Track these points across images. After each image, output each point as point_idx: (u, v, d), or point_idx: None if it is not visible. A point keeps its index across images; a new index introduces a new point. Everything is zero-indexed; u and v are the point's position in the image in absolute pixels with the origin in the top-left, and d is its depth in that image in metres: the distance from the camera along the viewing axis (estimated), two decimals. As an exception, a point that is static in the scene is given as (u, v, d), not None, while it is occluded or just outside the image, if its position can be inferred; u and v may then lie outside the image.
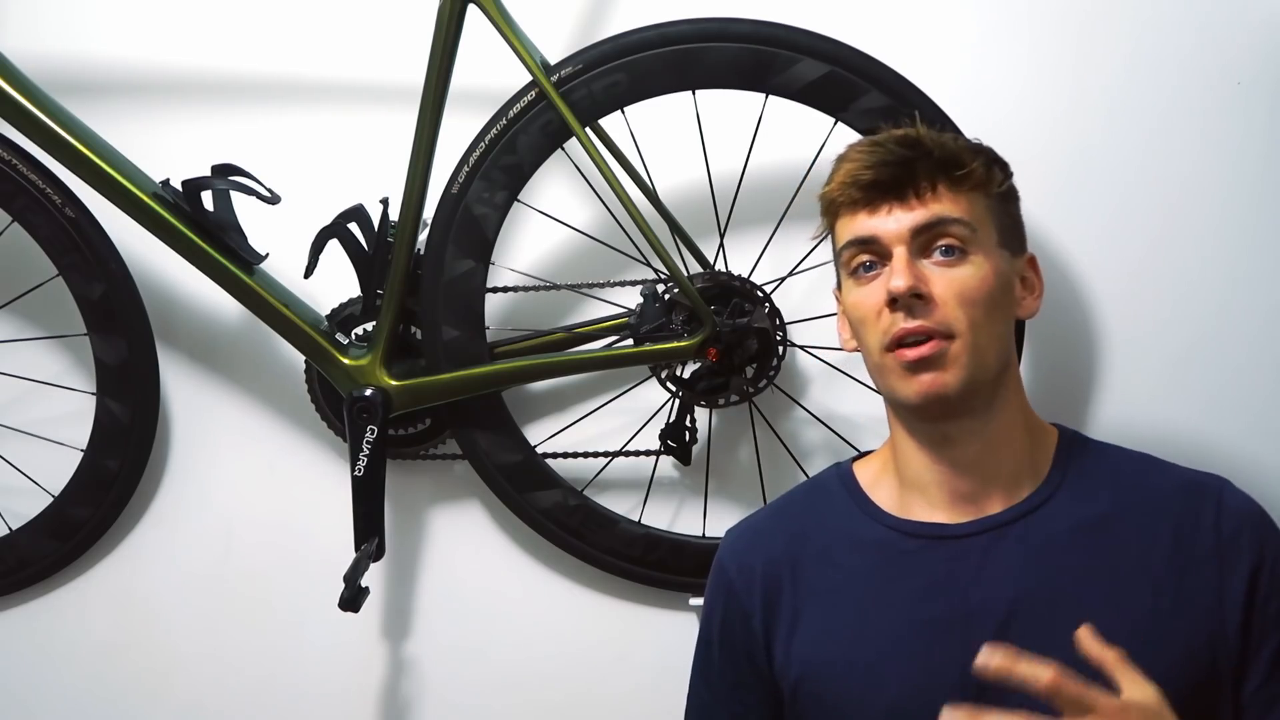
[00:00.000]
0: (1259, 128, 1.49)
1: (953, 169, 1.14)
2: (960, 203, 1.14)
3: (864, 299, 1.15)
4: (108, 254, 1.58)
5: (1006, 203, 1.19)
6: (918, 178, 1.13)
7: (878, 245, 1.14)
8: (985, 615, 1.11)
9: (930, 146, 1.15)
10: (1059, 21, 1.51)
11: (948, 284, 1.12)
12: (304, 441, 1.67)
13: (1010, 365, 1.18)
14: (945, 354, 1.11)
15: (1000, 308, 1.15)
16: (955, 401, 1.12)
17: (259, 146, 1.61)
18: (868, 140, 1.19)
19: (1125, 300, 1.52)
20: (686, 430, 1.54)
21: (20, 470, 1.70)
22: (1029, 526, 1.15)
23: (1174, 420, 1.50)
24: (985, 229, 1.14)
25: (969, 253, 1.13)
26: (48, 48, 1.64)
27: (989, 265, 1.13)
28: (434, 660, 1.67)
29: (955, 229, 1.13)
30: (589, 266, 1.59)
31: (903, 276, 1.11)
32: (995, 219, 1.16)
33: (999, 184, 1.17)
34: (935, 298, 1.11)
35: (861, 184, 1.14)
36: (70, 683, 1.72)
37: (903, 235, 1.13)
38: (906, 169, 1.13)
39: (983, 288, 1.12)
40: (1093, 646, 0.98)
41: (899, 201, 1.13)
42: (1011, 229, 1.19)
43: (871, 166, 1.14)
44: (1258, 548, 1.11)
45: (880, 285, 1.13)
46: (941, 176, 1.14)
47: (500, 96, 1.47)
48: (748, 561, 1.25)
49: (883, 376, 1.15)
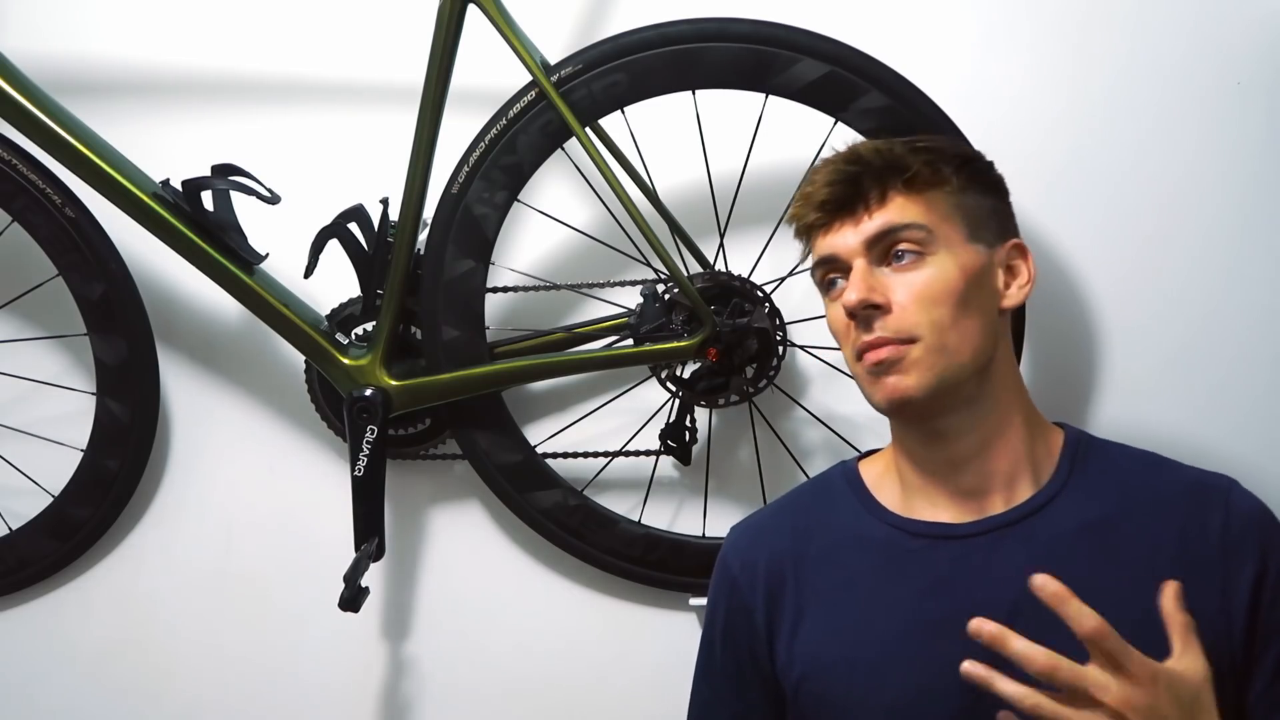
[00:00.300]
0: (1258, 127, 1.49)
1: (897, 175, 1.15)
2: (916, 205, 1.14)
3: (835, 316, 1.18)
4: (108, 254, 1.58)
5: (973, 195, 1.17)
6: (865, 190, 1.15)
7: (838, 263, 1.16)
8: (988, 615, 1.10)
9: (870, 158, 1.16)
10: (1058, 21, 1.52)
11: (906, 288, 1.12)
12: (304, 441, 1.68)
13: (997, 358, 1.17)
14: (905, 358, 1.11)
15: (971, 303, 1.13)
16: (925, 402, 1.12)
17: (259, 146, 1.62)
18: (823, 160, 1.21)
19: (1122, 298, 1.52)
20: (686, 430, 1.54)
21: (20, 470, 1.70)
22: (1033, 526, 1.14)
23: (1170, 417, 1.51)
24: (947, 226, 1.14)
25: (927, 254, 1.13)
26: (48, 48, 1.64)
27: (953, 263, 1.13)
28: (434, 660, 1.67)
29: (907, 234, 1.13)
30: (589, 266, 1.59)
31: (854, 290, 1.13)
32: (961, 213, 1.15)
33: (950, 178, 1.16)
34: (894, 304, 1.12)
35: (815, 203, 1.18)
36: (70, 683, 1.72)
37: (857, 249, 1.15)
38: (853, 184, 1.16)
39: (946, 287, 1.12)
40: (1171, 603, 0.98)
41: (850, 217, 1.16)
42: (984, 220, 1.18)
43: (824, 185, 1.17)
44: (1265, 550, 1.11)
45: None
46: (891, 183, 1.15)
47: (500, 96, 1.47)
48: (751, 559, 1.25)
49: (860, 385, 1.17)
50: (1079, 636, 0.94)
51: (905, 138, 1.22)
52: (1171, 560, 1.11)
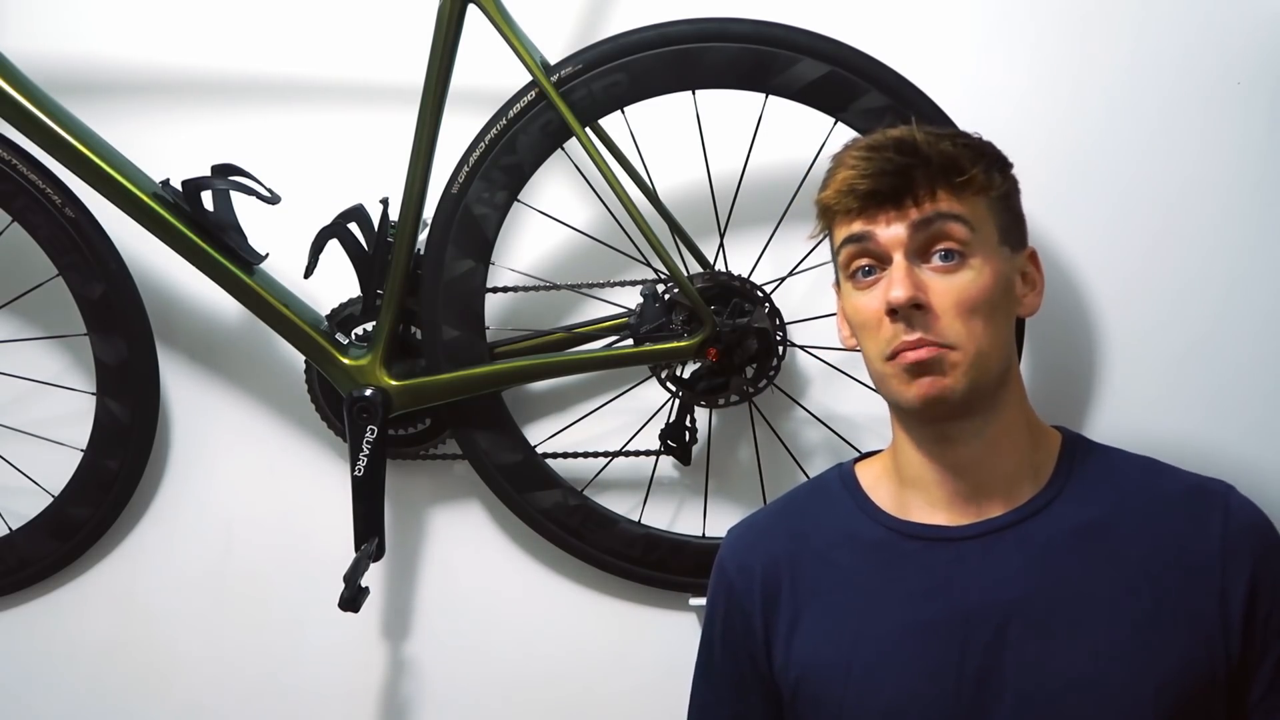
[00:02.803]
0: (1259, 127, 1.49)
1: (952, 175, 1.12)
2: (963, 205, 1.12)
3: (864, 305, 1.14)
4: (108, 254, 1.58)
5: (1007, 199, 1.17)
6: (916, 186, 1.11)
7: (875, 247, 1.12)
8: (983, 618, 1.11)
9: (928, 154, 1.12)
10: (1059, 21, 1.51)
11: (946, 292, 1.10)
12: (304, 441, 1.67)
13: (1012, 365, 1.17)
14: (944, 360, 1.10)
15: (1000, 310, 1.13)
16: (957, 405, 1.11)
17: (259, 146, 1.61)
18: (864, 145, 1.16)
19: (1125, 300, 1.51)
20: (686, 430, 1.54)
21: (20, 470, 1.70)
22: (1029, 529, 1.14)
23: (1174, 421, 1.50)
24: (986, 228, 1.13)
25: (968, 256, 1.11)
26: (48, 48, 1.64)
27: (989, 268, 1.12)
28: (434, 660, 1.67)
29: (954, 226, 1.11)
30: (589, 266, 1.59)
31: (901, 287, 1.09)
32: (996, 217, 1.14)
33: (999, 185, 1.15)
34: (935, 308, 1.10)
35: (858, 193, 1.12)
36: (70, 683, 1.72)
37: (901, 240, 1.11)
38: (904, 178, 1.11)
39: (983, 294, 1.11)
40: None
41: (896, 209, 1.12)
42: (1013, 225, 1.18)
43: (869, 176, 1.12)
44: (1261, 557, 1.10)
45: (879, 293, 1.12)
46: (941, 183, 1.11)
47: (500, 96, 1.47)
48: (748, 562, 1.24)
49: (884, 382, 1.14)
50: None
51: (948, 130, 1.20)
52: (1167, 564, 1.10)
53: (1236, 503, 1.14)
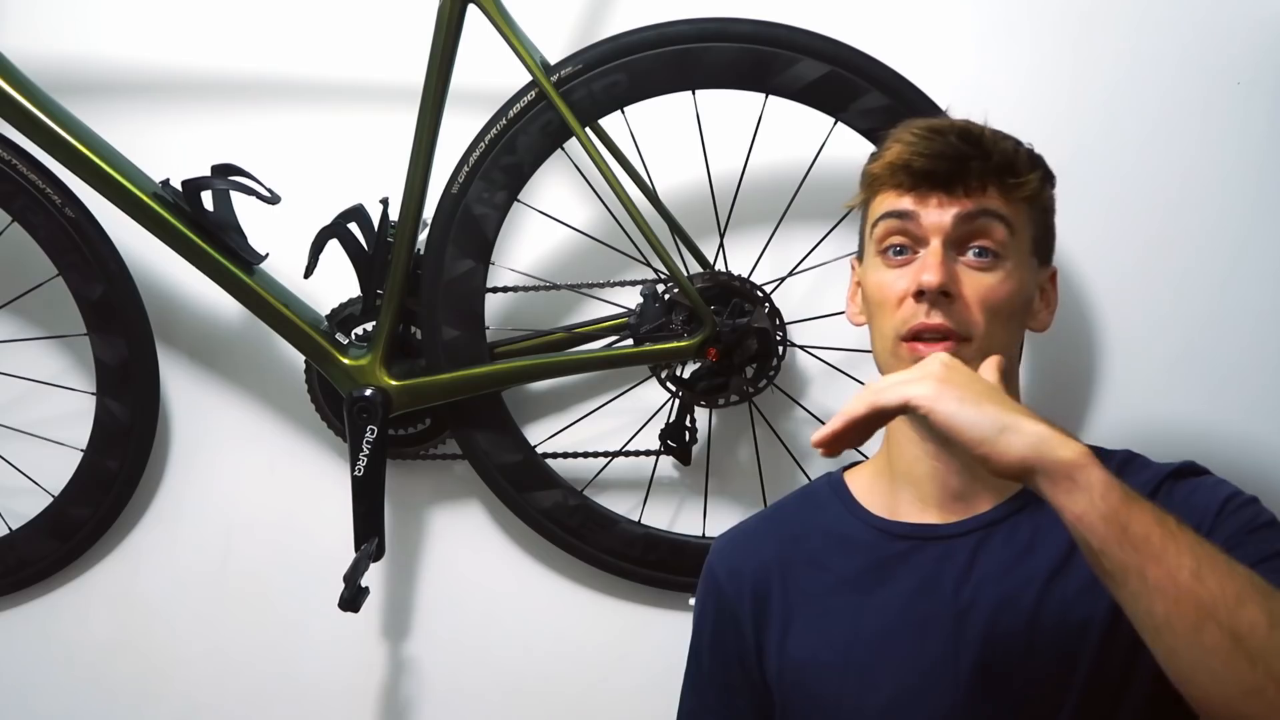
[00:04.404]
0: (1258, 127, 1.49)
1: (1008, 176, 1.13)
2: (1008, 207, 1.13)
3: (889, 283, 1.14)
4: (108, 254, 1.58)
5: (1046, 213, 1.20)
6: (969, 176, 1.12)
7: (916, 227, 1.13)
8: (974, 613, 1.11)
9: (990, 149, 1.13)
10: (1059, 21, 1.51)
11: (976, 287, 1.11)
12: (304, 441, 1.67)
13: (1013, 371, 1.18)
14: (960, 355, 1.09)
15: (1018, 318, 1.15)
16: None
17: (259, 146, 1.61)
18: (926, 125, 1.16)
19: (1122, 299, 1.52)
20: (686, 430, 1.54)
21: (20, 470, 1.70)
22: (1017, 523, 1.15)
23: (1170, 418, 1.50)
24: (1023, 235, 1.14)
25: (1003, 257, 1.12)
26: (48, 48, 1.64)
27: (1018, 274, 1.13)
28: (434, 660, 1.67)
29: (997, 227, 1.12)
30: (589, 266, 1.59)
31: (935, 272, 1.10)
32: (1034, 227, 1.16)
33: (1045, 197, 1.17)
34: (962, 297, 1.11)
35: (912, 170, 1.12)
36: (70, 683, 1.72)
37: (944, 226, 1.11)
38: (961, 165, 1.12)
39: (1009, 297, 1.12)
40: None
41: (947, 194, 1.12)
42: (1045, 238, 1.20)
43: (926, 155, 1.12)
44: (1192, 500, 1.09)
45: (909, 274, 1.12)
46: (994, 181, 1.12)
47: (500, 96, 1.47)
48: (736, 565, 1.24)
49: (893, 364, 1.14)
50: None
51: (1009, 135, 1.18)
52: None
53: (1186, 468, 1.14)
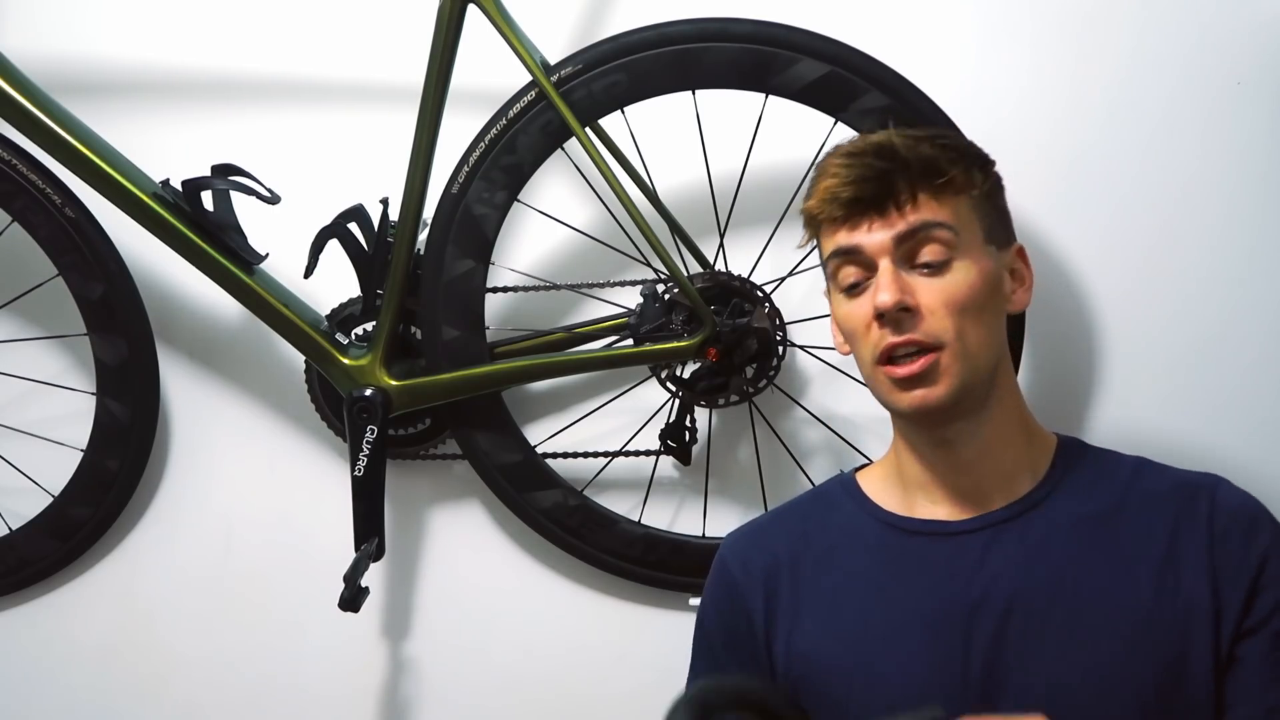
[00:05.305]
0: (1259, 128, 1.48)
1: (933, 178, 1.13)
2: (945, 208, 1.13)
3: (853, 312, 1.16)
4: (108, 254, 1.58)
5: (991, 198, 1.18)
6: (897, 190, 1.13)
7: (862, 257, 1.14)
8: (985, 610, 1.12)
9: (907, 157, 1.13)
10: (1059, 21, 1.51)
11: (934, 293, 1.12)
12: (304, 441, 1.67)
13: (1002, 362, 1.18)
14: (935, 367, 1.11)
15: (989, 308, 1.15)
16: (949, 410, 1.13)
17: (259, 146, 1.61)
18: (845, 152, 1.17)
19: (1126, 302, 1.51)
20: (686, 430, 1.54)
21: (20, 470, 1.70)
22: (1028, 523, 1.15)
23: (1175, 423, 1.50)
24: (970, 229, 1.14)
25: (954, 258, 1.13)
26: (48, 48, 1.64)
27: (975, 268, 1.13)
28: (434, 660, 1.67)
29: (939, 234, 1.12)
30: (589, 266, 1.59)
31: (888, 291, 1.11)
32: (980, 216, 1.16)
33: (979, 184, 1.16)
34: (922, 308, 1.11)
35: (841, 201, 1.14)
36: (70, 683, 1.72)
37: (886, 247, 1.13)
38: (885, 183, 1.13)
39: (970, 293, 1.12)
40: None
41: (880, 216, 1.13)
42: (998, 222, 1.19)
43: (851, 183, 1.13)
44: (1252, 542, 1.11)
45: (868, 299, 1.14)
46: (922, 186, 1.13)
47: (500, 96, 1.47)
48: (750, 557, 1.25)
49: (876, 388, 1.17)
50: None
51: (927, 131, 1.20)
52: (1161, 554, 1.12)
53: (1225, 492, 1.15)
